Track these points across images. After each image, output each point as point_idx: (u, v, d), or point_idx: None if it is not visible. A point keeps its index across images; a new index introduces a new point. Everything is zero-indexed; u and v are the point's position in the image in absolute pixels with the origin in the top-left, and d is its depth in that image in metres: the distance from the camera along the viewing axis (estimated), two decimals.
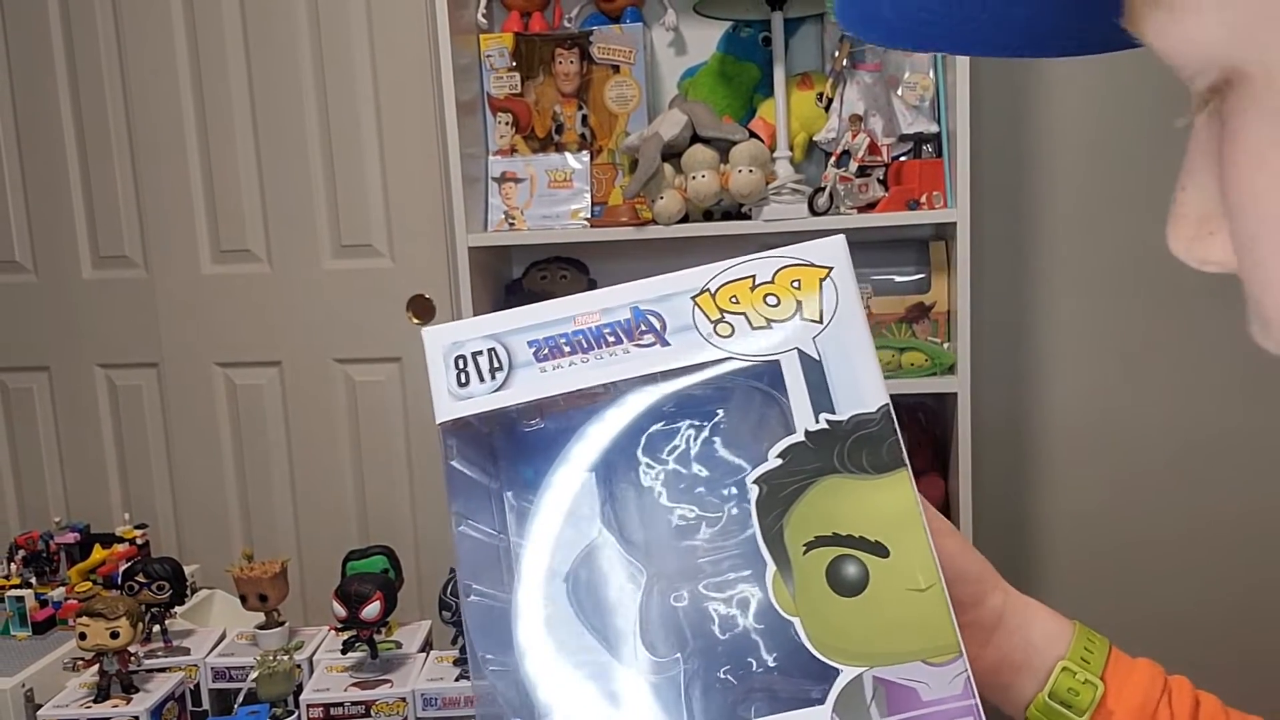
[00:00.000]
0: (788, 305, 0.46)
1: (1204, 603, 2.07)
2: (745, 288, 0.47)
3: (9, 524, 2.54)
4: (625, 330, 0.47)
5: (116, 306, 2.41)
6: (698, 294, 0.47)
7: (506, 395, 0.46)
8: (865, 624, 0.42)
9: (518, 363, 0.47)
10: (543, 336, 0.47)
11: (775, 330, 0.45)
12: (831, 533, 0.43)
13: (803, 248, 0.47)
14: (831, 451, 0.43)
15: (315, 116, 2.24)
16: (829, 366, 0.44)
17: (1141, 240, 2.02)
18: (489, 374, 0.47)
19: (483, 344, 0.47)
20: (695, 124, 1.81)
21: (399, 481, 2.34)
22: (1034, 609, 0.55)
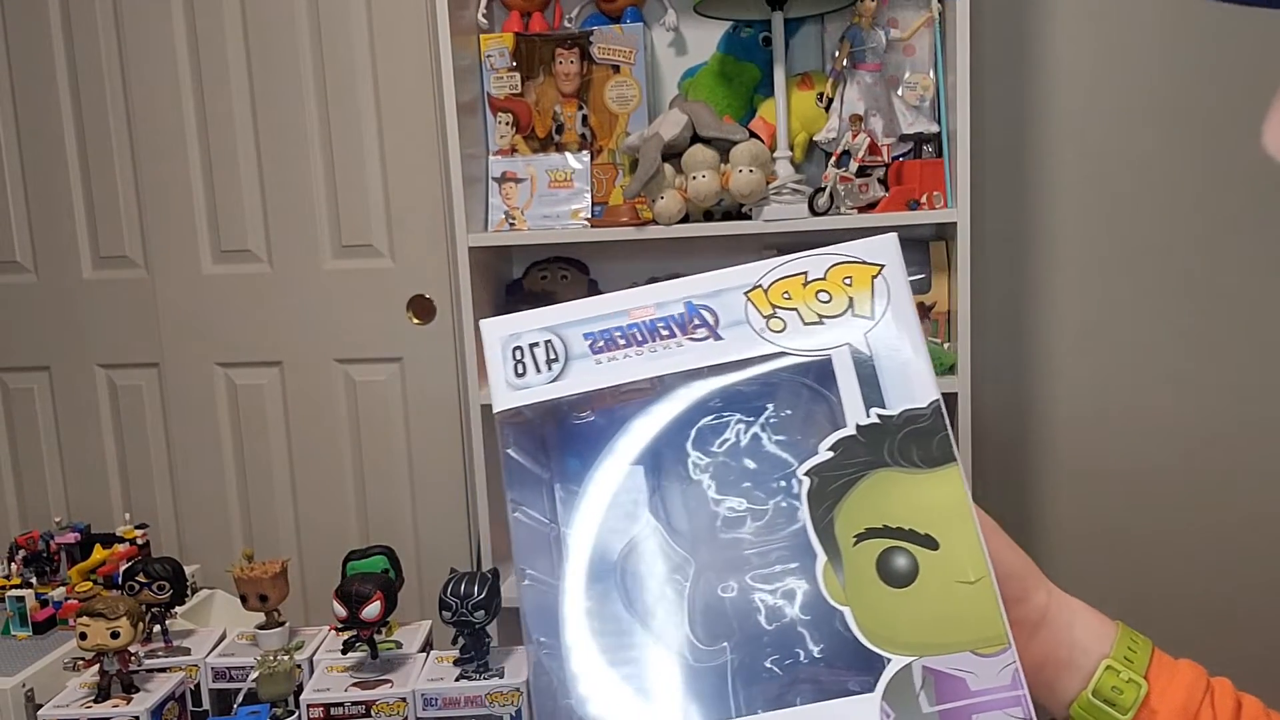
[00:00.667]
0: (839, 302, 0.47)
1: (1205, 599, 2.07)
2: (798, 284, 0.47)
3: (9, 524, 2.54)
4: (679, 324, 0.48)
5: (117, 306, 2.41)
6: (750, 289, 0.48)
7: (562, 386, 0.47)
8: (915, 614, 0.43)
9: (573, 354, 0.48)
10: (598, 329, 0.48)
11: (827, 326, 0.46)
12: (882, 525, 0.44)
13: (855, 245, 0.48)
14: (882, 445, 0.44)
15: (316, 116, 2.24)
16: (880, 362, 0.45)
17: (1142, 240, 2.02)
18: (545, 365, 0.48)
19: (539, 336, 0.48)
20: (695, 124, 1.81)
21: (399, 481, 2.34)
22: (1078, 608, 0.55)
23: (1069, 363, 2.07)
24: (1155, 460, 2.07)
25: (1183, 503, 2.07)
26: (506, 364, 0.48)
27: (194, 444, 2.43)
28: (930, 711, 0.41)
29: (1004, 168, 2.03)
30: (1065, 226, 2.03)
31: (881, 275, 0.47)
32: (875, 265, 0.47)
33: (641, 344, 0.47)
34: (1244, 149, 1.96)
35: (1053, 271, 2.05)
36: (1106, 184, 2.01)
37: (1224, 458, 2.04)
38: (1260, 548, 2.05)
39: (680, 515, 0.46)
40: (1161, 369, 2.04)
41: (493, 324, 0.49)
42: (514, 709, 1.27)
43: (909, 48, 1.86)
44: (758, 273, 0.48)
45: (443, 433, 2.30)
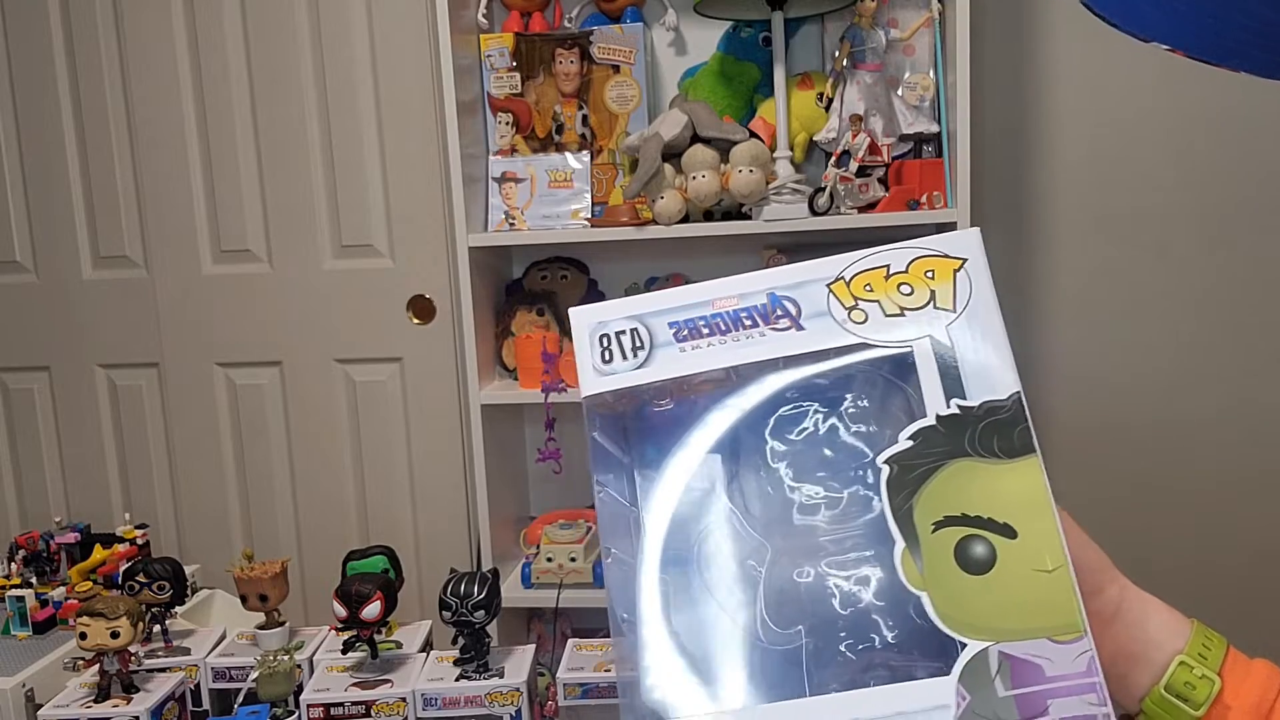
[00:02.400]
0: (921, 294, 0.47)
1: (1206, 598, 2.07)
2: (879, 277, 0.48)
3: (9, 524, 2.54)
4: (761, 314, 0.48)
5: (117, 306, 2.41)
6: (832, 281, 0.48)
7: (648, 372, 0.49)
8: (992, 601, 0.43)
9: (658, 342, 0.49)
10: (683, 318, 0.49)
11: (909, 318, 0.47)
12: (961, 513, 0.44)
13: (937, 240, 0.48)
14: (962, 435, 0.45)
15: (316, 117, 2.24)
16: (961, 354, 0.46)
17: (1142, 240, 2.02)
18: (631, 352, 0.49)
19: (626, 324, 0.50)
20: (695, 124, 1.81)
21: (399, 481, 2.34)
22: (1152, 603, 0.56)
23: (1069, 362, 2.07)
24: (1156, 459, 2.07)
25: (1183, 502, 2.07)
26: (594, 350, 0.50)
27: (194, 444, 2.43)
28: (1006, 695, 0.42)
29: (1004, 168, 2.03)
30: (1065, 226, 2.03)
31: (964, 269, 0.48)
32: (958, 259, 0.48)
33: (725, 333, 0.48)
34: (1244, 148, 1.96)
35: (1053, 271, 2.05)
36: (1106, 184, 2.01)
37: (1225, 457, 2.04)
38: (1260, 547, 2.05)
39: (757, 501, 0.47)
40: (1161, 368, 2.04)
41: (581, 312, 0.51)
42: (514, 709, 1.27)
43: (909, 48, 1.86)
44: (840, 265, 0.49)
45: (443, 433, 2.30)
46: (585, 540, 1.90)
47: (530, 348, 1.89)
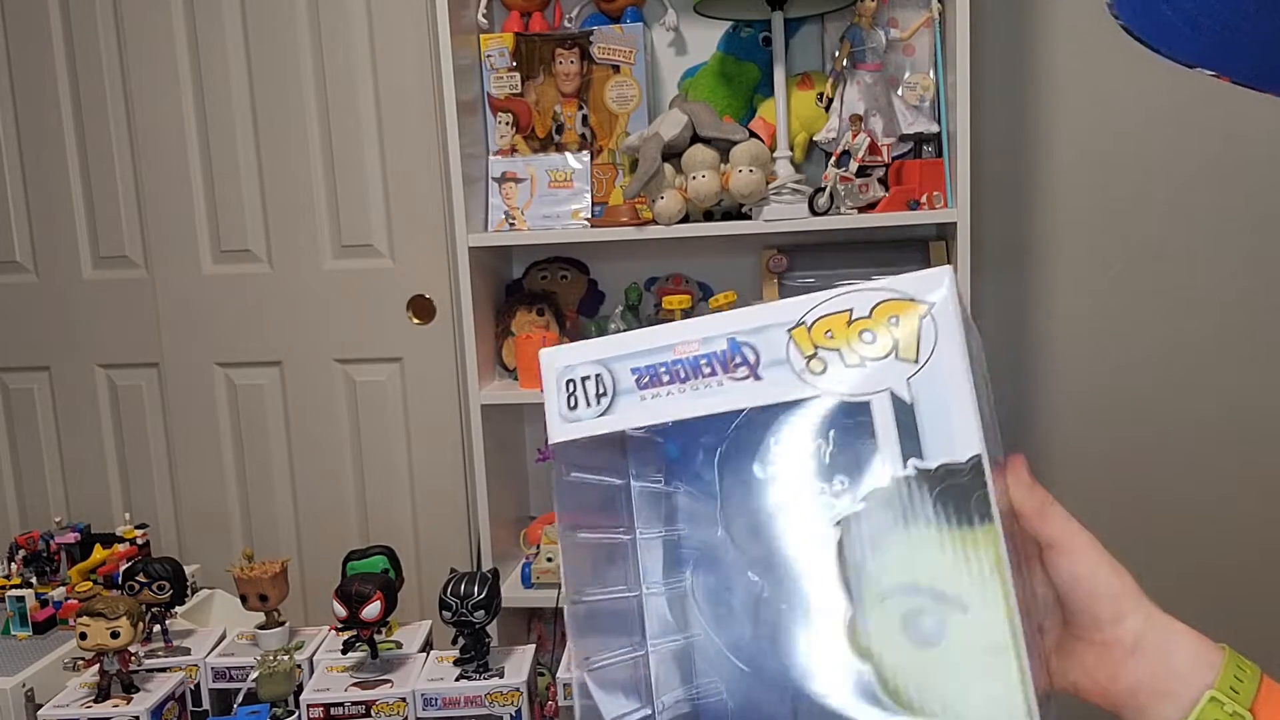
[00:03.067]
0: (884, 343, 0.44)
1: (1203, 596, 2.07)
2: (842, 322, 0.45)
3: (9, 524, 2.54)
4: (721, 361, 0.46)
5: (117, 306, 2.41)
6: (793, 327, 0.45)
7: (611, 420, 0.47)
8: (937, 677, 0.41)
9: (620, 389, 0.47)
10: (645, 364, 0.47)
11: (869, 369, 0.44)
12: (911, 582, 0.42)
13: (906, 280, 0.45)
14: (917, 500, 0.42)
15: (316, 117, 2.24)
16: (920, 410, 0.43)
17: (1142, 239, 2.02)
18: (595, 399, 0.48)
19: (591, 369, 0.48)
20: (695, 124, 1.81)
21: (399, 481, 2.34)
22: (1178, 632, 0.52)
23: (1069, 362, 2.07)
24: (1156, 460, 2.07)
25: (1184, 502, 2.07)
26: (560, 396, 0.48)
27: (194, 444, 2.43)
28: None
29: (1004, 168, 2.03)
30: (1065, 226, 2.03)
31: (930, 315, 0.44)
32: (924, 304, 0.44)
33: (684, 381, 0.46)
34: (1245, 147, 1.96)
35: (1053, 271, 2.05)
36: (1106, 184, 2.01)
37: (1225, 457, 2.04)
38: (1260, 547, 2.05)
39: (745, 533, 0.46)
40: (1161, 368, 2.04)
41: (550, 354, 0.49)
42: (514, 709, 1.27)
43: (909, 48, 1.86)
44: (803, 308, 0.46)
45: (443, 433, 2.30)
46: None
47: (530, 348, 1.89)
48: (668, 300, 1.85)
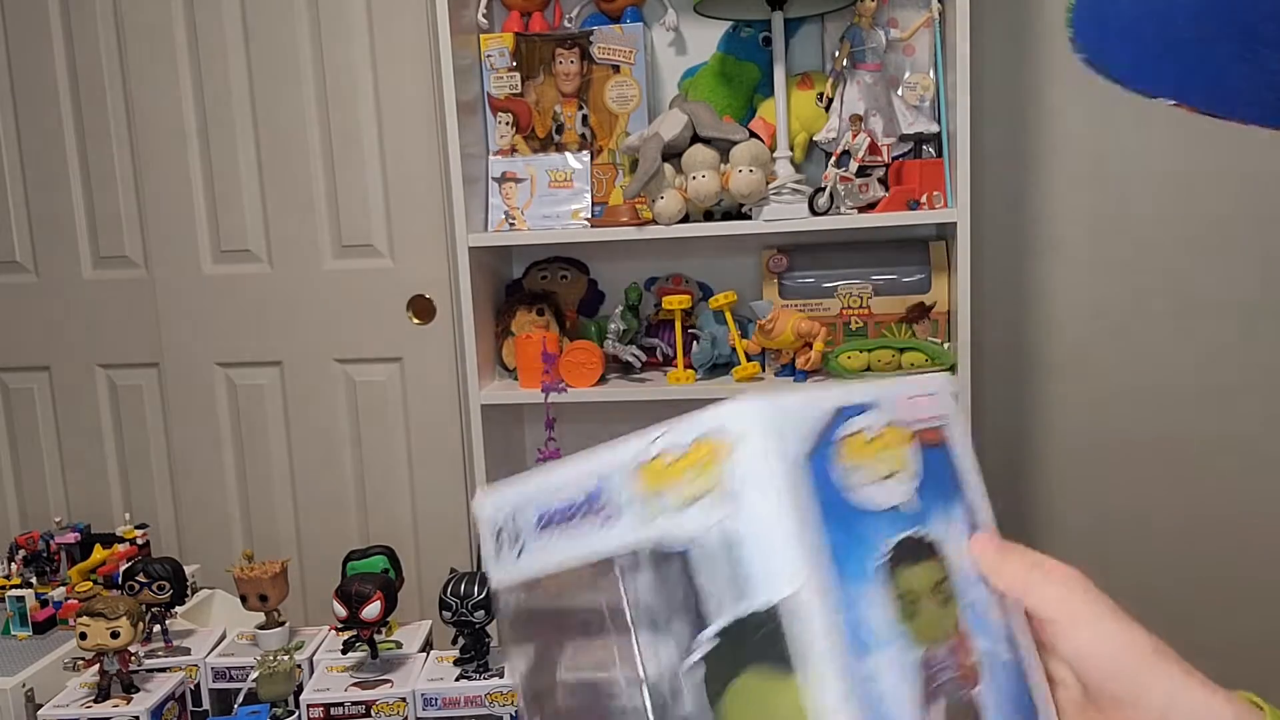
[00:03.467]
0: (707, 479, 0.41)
1: (1202, 595, 2.07)
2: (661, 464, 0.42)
3: (9, 524, 2.54)
4: (594, 500, 0.45)
5: (117, 306, 2.42)
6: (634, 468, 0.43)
7: (523, 565, 0.47)
8: None
9: (526, 533, 0.47)
10: (544, 506, 0.47)
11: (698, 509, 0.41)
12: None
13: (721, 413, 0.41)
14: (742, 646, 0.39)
15: (316, 117, 2.25)
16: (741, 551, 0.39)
17: (1142, 239, 2.02)
18: (511, 543, 0.48)
19: (507, 514, 0.48)
20: (696, 124, 1.81)
21: (399, 481, 2.34)
22: (1213, 702, 0.45)
23: (1069, 362, 2.07)
24: (1156, 459, 2.07)
25: (1183, 502, 2.07)
26: (489, 541, 0.48)
27: (194, 444, 2.43)
28: None
29: (1004, 168, 2.03)
30: (1065, 226, 2.03)
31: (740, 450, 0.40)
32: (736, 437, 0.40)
33: (566, 522, 0.45)
34: (1245, 147, 1.96)
35: (1053, 271, 2.05)
36: (1106, 183, 2.01)
37: (1225, 457, 2.04)
38: (1260, 547, 2.05)
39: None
40: (1162, 368, 2.04)
41: (481, 500, 0.49)
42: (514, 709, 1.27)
43: (909, 48, 1.86)
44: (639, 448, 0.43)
45: (443, 433, 2.30)
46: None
47: (530, 348, 1.89)
48: (668, 300, 1.85)
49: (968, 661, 0.43)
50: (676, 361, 1.88)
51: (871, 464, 0.43)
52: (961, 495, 0.47)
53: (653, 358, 1.97)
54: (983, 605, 0.45)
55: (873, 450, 0.43)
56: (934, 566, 0.44)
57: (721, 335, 1.88)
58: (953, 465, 0.47)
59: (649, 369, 1.96)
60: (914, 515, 0.44)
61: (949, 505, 0.46)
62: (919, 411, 0.46)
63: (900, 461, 0.44)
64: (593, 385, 1.87)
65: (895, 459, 0.44)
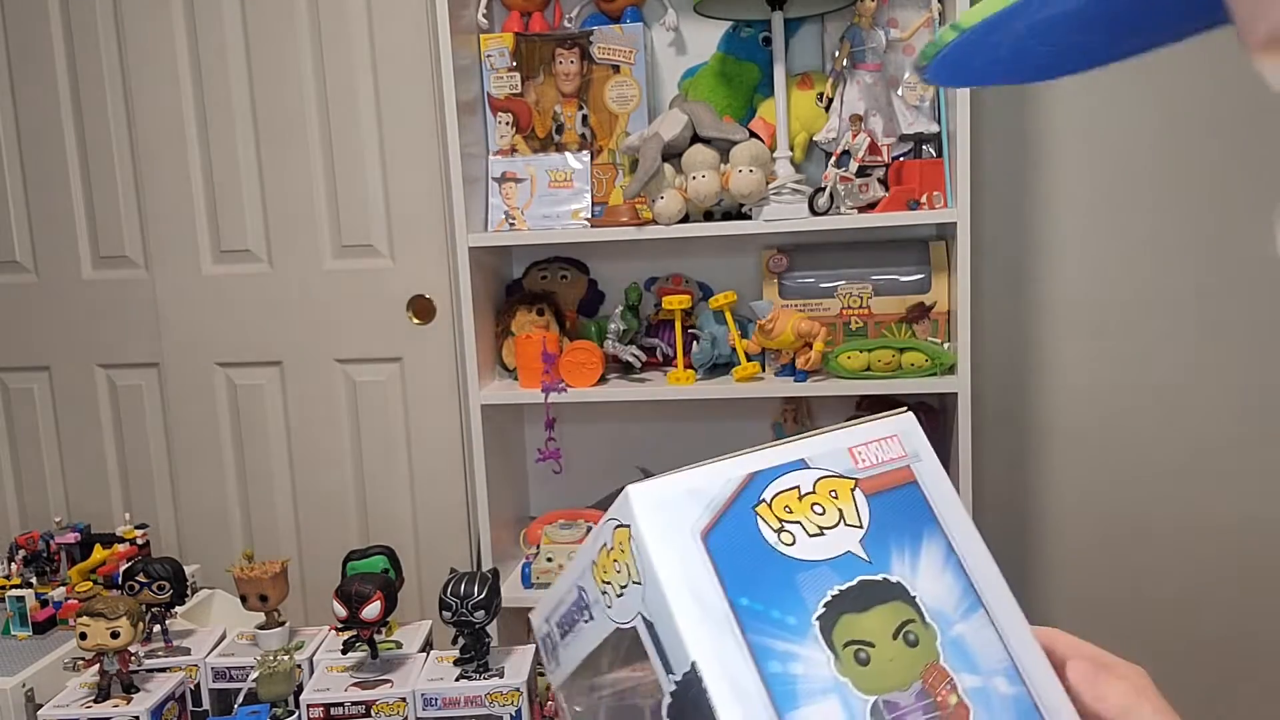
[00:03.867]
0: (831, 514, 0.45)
1: (1200, 596, 2.07)
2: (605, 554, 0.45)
3: (9, 524, 2.54)
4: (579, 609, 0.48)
5: (117, 306, 2.42)
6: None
7: (562, 672, 0.50)
8: None
9: (556, 640, 0.50)
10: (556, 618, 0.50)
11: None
12: None
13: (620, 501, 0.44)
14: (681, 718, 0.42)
15: (316, 117, 2.25)
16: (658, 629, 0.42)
17: (1142, 239, 2.02)
18: (551, 655, 0.51)
19: (544, 630, 0.51)
20: (696, 124, 1.81)
21: (399, 481, 2.34)
22: None
23: (1068, 362, 2.07)
24: (1155, 460, 2.07)
25: (1183, 502, 2.07)
26: (543, 652, 0.52)
27: (194, 444, 2.43)
28: None
29: (1004, 168, 2.03)
30: (1065, 227, 2.03)
31: (635, 537, 0.43)
32: (631, 526, 0.43)
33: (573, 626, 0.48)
34: (1245, 147, 1.96)
35: (1052, 272, 2.05)
36: (1106, 183, 2.01)
37: (1225, 458, 2.04)
38: (1260, 548, 2.05)
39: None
40: (1162, 368, 2.04)
41: (534, 616, 0.52)
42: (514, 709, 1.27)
43: (909, 48, 1.86)
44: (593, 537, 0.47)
45: (443, 433, 2.30)
46: (585, 540, 1.90)
47: (530, 348, 1.89)
48: (668, 300, 1.85)
49: (949, 700, 0.43)
50: (676, 361, 1.88)
51: (807, 518, 0.45)
52: (937, 529, 0.48)
53: (653, 358, 1.97)
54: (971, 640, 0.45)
55: (805, 506, 0.45)
56: (896, 608, 0.44)
57: (721, 335, 1.88)
58: (925, 501, 0.48)
59: (649, 369, 1.97)
60: (866, 562, 0.45)
61: (916, 543, 0.47)
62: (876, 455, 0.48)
63: (842, 512, 0.45)
64: (593, 385, 1.87)
65: (834, 511, 0.45)
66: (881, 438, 0.48)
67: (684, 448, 2.11)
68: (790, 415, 2.02)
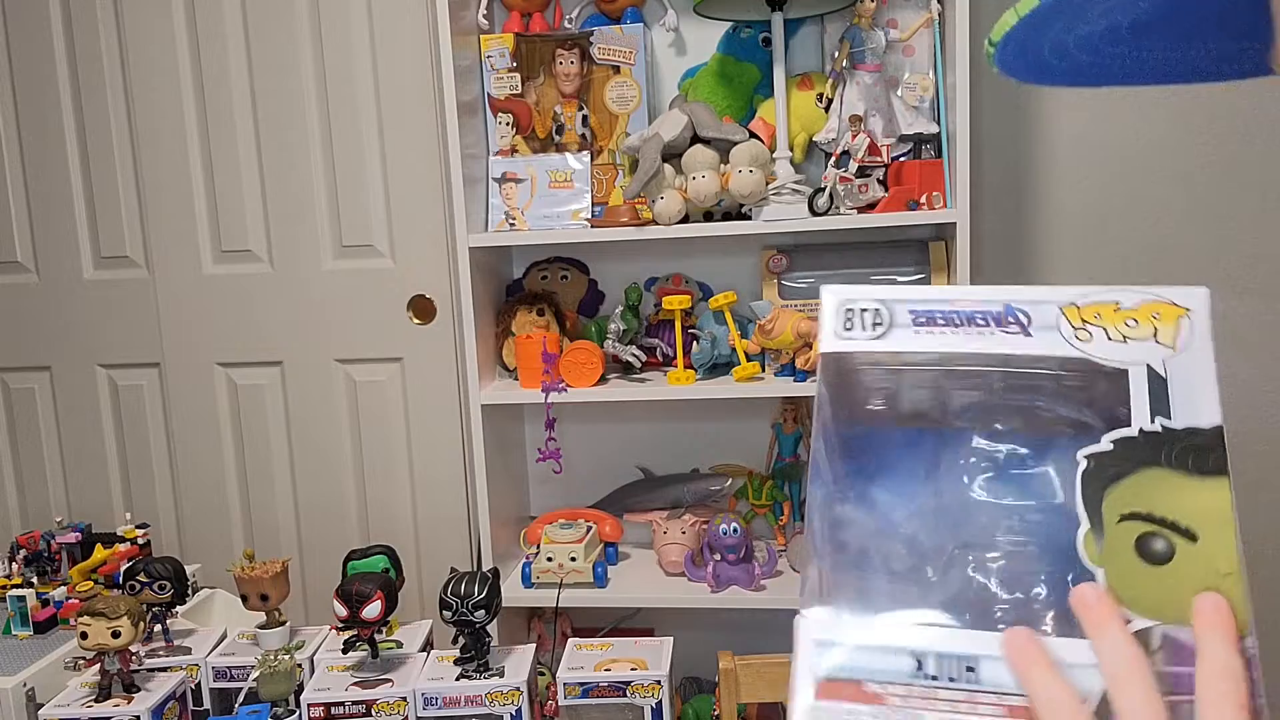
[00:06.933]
0: (1145, 329, 0.52)
1: None
2: (1109, 308, 0.53)
3: (10, 524, 2.54)
4: (995, 318, 0.53)
5: (118, 306, 2.42)
6: (1065, 305, 0.53)
7: (882, 344, 0.55)
8: (1164, 589, 0.48)
9: (897, 323, 0.54)
10: (922, 308, 0.54)
11: (1129, 346, 0.52)
12: (1147, 512, 0.49)
13: (1168, 290, 0.52)
14: (1161, 449, 0.49)
15: (316, 117, 2.25)
16: (1172, 384, 0.51)
17: (1142, 240, 2.02)
18: (870, 326, 0.55)
19: (870, 304, 0.55)
20: (695, 124, 1.81)
21: (399, 481, 2.35)
22: None
23: None
24: None
25: None
26: (837, 320, 0.55)
27: (194, 444, 2.43)
28: (1160, 671, 0.46)
29: (1004, 168, 2.03)
30: (1064, 226, 2.04)
31: (1188, 317, 0.52)
32: (1184, 308, 0.52)
33: (958, 326, 0.54)
34: (1245, 147, 1.96)
35: (1052, 271, 2.05)
36: (1106, 184, 2.02)
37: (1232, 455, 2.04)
38: (1260, 549, 2.05)
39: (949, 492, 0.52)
40: None
41: (832, 290, 0.56)
42: (514, 708, 1.27)
43: (909, 48, 1.86)
44: (1074, 294, 0.53)
45: (443, 433, 2.30)
46: (585, 540, 1.91)
47: (530, 348, 1.89)
48: (668, 300, 1.85)
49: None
50: (676, 361, 1.88)
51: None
52: None
53: (653, 358, 1.97)
54: None
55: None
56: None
57: (721, 335, 1.89)
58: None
59: (649, 369, 1.97)
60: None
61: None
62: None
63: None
64: (593, 385, 1.88)
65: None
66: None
67: (684, 448, 2.11)
68: (790, 415, 2.02)
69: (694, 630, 1.97)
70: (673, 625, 1.91)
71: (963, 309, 0.54)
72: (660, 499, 2.03)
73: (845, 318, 0.55)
